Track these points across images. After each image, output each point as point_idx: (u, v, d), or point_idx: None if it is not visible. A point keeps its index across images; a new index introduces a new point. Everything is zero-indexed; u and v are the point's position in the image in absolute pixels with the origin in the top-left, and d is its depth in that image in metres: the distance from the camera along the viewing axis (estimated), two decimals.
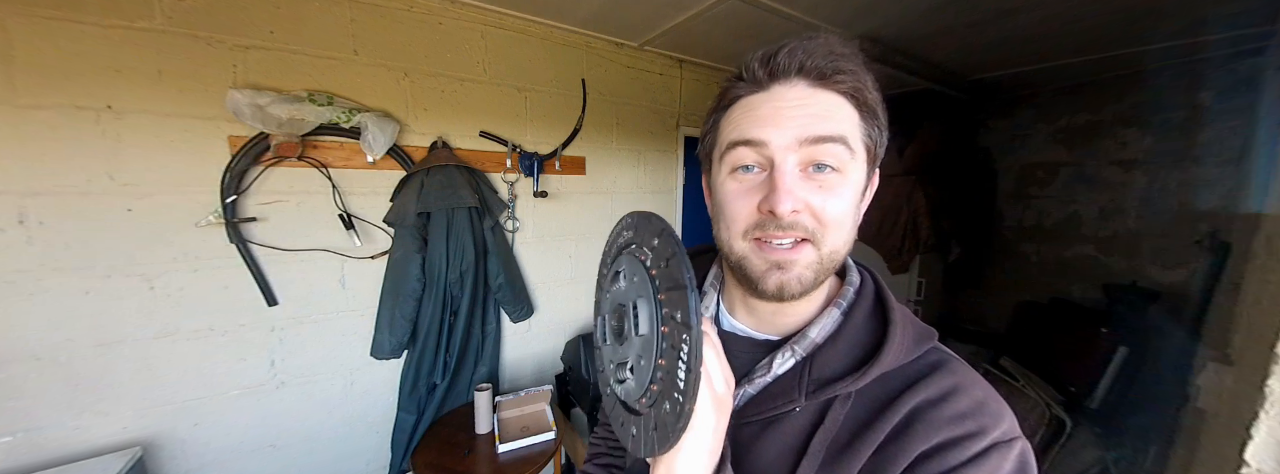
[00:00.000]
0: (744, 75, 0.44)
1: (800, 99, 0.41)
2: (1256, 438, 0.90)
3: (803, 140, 0.40)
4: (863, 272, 0.52)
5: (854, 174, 0.42)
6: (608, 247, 0.51)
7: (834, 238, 0.42)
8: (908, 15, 1.66)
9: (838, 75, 0.41)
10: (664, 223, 0.43)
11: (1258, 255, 1.06)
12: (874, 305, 0.48)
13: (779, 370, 0.47)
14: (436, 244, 1.53)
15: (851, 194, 0.42)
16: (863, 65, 0.42)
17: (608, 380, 0.48)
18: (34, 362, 1.14)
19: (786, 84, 0.42)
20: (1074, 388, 2.15)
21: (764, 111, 0.42)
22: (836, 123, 0.41)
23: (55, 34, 1.07)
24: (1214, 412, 1.11)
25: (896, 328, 0.44)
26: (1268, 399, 0.89)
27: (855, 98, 0.41)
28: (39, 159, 1.09)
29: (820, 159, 0.41)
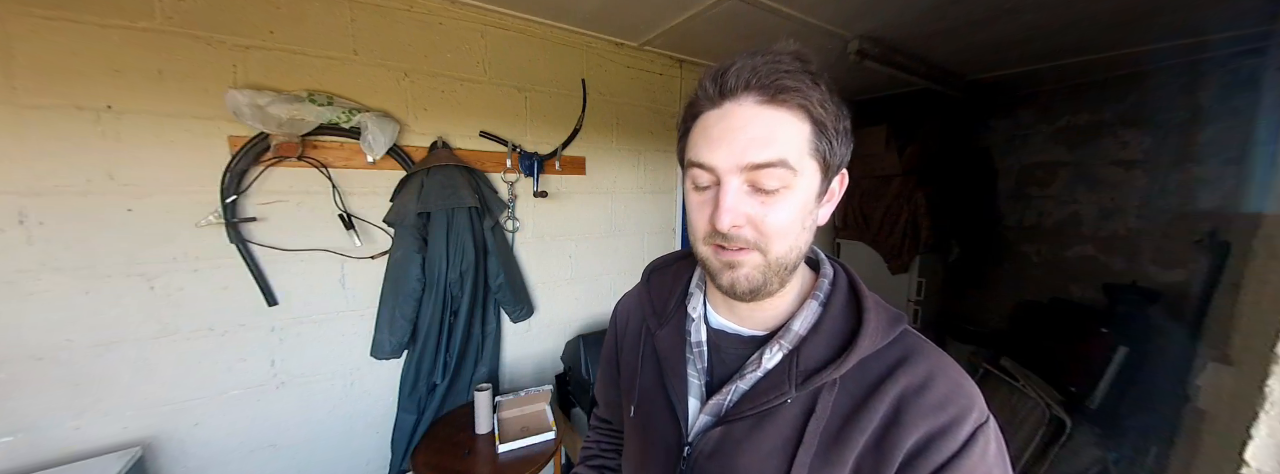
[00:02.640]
0: (699, 92, 0.46)
1: (748, 119, 0.43)
2: (1256, 438, 0.90)
3: (743, 166, 0.43)
4: (835, 264, 0.56)
5: (801, 187, 0.45)
6: None
7: (778, 245, 0.45)
8: (908, 15, 1.66)
9: (783, 93, 0.42)
10: None
11: (1258, 255, 1.06)
12: (848, 295, 0.51)
13: (768, 365, 0.49)
14: (436, 244, 1.53)
15: (796, 205, 0.45)
16: (812, 79, 0.43)
17: None
18: (34, 362, 1.13)
19: (736, 101, 0.44)
20: (1074, 388, 2.15)
21: (715, 133, 0.45)
22: (778, 146, 0.43)
23: (55, 34, 1.07)
24: (1214, 412, 1.11)
25: (870, 314, 0.48)
26: (1268, 399, 0.89)
27: (804, 112, 0.43)
28: (39, 159, 1.09)
29: (760, 183, 0.44)
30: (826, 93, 0.44)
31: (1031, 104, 2.87)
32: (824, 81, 0.44)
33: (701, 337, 0.56)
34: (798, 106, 0.43)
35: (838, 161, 0.47)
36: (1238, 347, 1.05)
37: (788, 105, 0.43)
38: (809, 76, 0.43)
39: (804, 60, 0.44)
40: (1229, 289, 1.54)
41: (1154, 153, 2.42)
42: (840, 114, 0.45)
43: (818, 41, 1.92)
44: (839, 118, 0.45)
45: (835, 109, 0.44)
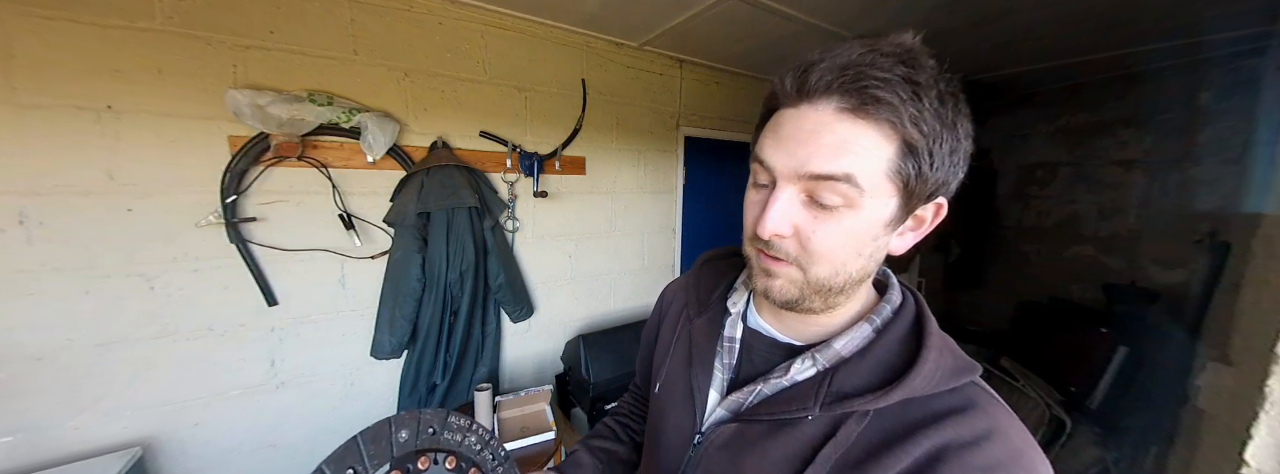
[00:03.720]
0: (778, 87, 0.42)
1: (820, 125, 0.38)
2: (1256, 438, 0.90)
3: (802, 175, 0.39)
4: (906, 291, 0.51)
5: (867, 210, 0.40)
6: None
7: (820, 268, 0.42)
8: (908, 15, 1.66)
9: (870, 105, 0.36)
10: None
11: (1257, 255, 1.07)
12: (911, 327, 0.46)
13: (796, 377, 0.47)
14: (436, 244, 1.53)
15: (854, 228, 0.40)
16: (914, 91, 0.36)
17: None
18: (34, 362, 1.13)
19: (814, 106, 0.39)
20: (1074, 388, 2.15)
21: (784, 132, 0.41)
22: (848, 160, 0.38)
23: (55, 34, 1.07)
24: (1214, 412, 1.11)
25: (930, 353, 0.42)
26: (1268, 399, 0.89)
27: (892, 129, 0.37)
28: (39, 159, 1.09)
29: (818, 195, 0.39)
30: (932, 109, 0.37)
31: (1031, 104, 2.87)
32: (933, 93, 0.37)
33: (735, 333, 0.55)
34: (884, 122, 0.37)
35: (930, 189, 0.40)
36: (1238, 347, 1.05)
37: (872, 119, 0.37)
38: (910, 88, 0.36)
39: (912, 64, 0.37)
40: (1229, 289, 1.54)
41: (1154, 153, 2.42)
42: (947, 136, 0.38)
43: (818, 42, 1.92)
44: (943, 139, 0.38)
45: (939, 129, 0.37)
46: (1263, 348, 0.92)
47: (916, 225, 0.44)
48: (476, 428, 0.50)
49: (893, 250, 0.45)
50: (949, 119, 0.38)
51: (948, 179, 0.41)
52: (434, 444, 0.46)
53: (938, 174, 0.39)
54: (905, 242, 0.45)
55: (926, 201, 0.42)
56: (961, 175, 0.42)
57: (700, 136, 2.42)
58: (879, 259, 0.45)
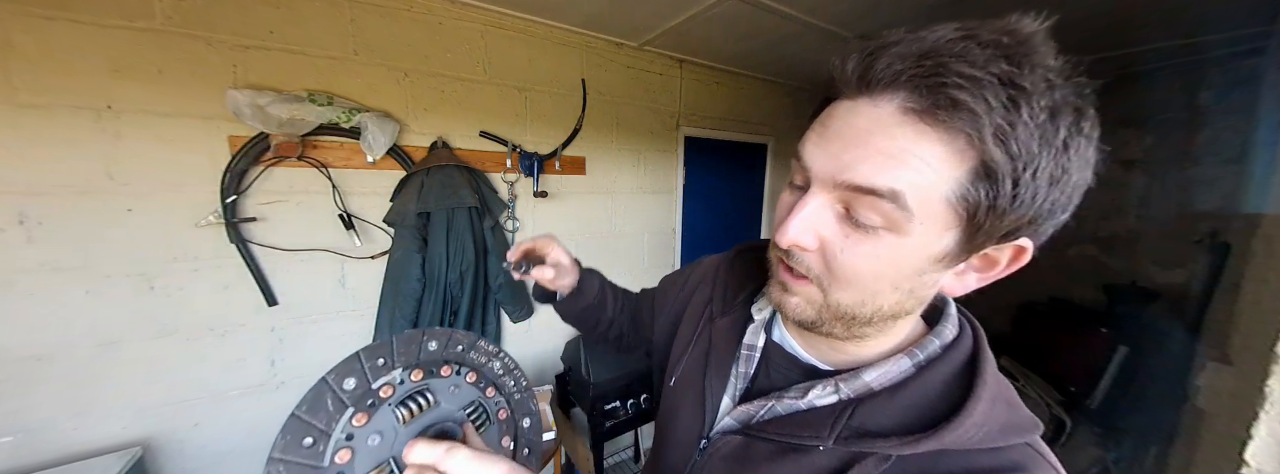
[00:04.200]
0: (836, 71, 0.34)
1: (875, 127, 0.31)
2: (1256, 438, 0.90)
3: (840, 183, 0.33)
4: (965, 326, 0.43)
5: (917, 238, 0.32)
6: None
7: (844, 294, 0.36)
8: (908, 16, 1.66)
9: (945, 109, 0.28)
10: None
11: (1257, 255, 1.07)
12: (962, 369, 0.39)
13: (815, 401, 0.42)
14: (436, 244, 1.53)
15: (892, 257, 0.33)
16: (1011, 97, 0.27)
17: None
18: (34, 362, 1.13)
19: (874, 101, 0.31)
20: (1074, 388, 2.15)
21: (831, 129, 0.34)
22: (900, 173, 0.30)
23: (55, 34, 1.07)
24: (1214, 412, 1.11)
25: (980, 404, 0.35)
26: (1268, 399, 0.89)
27: (967, 142, 0.29)
28: (39, 159, 1.09)
29: (855, 211, 0.33)
30: (1033, 123, 0.28)
31: None
32: (1041, 103, 0.28)
33: (757, 341, 0.50)
34: (959, 133, 0.29)
35: (1008, 226, 0.31)
36: (1237, 347, 1.05)
37: (943, 127, 0.29)
38: (1007, 92, 0.27)
39: (1018, 61, 0.28)
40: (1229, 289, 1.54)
41: (1154, 153, 2.42)
42: (1049, 161, 0.29)
43: (818, 42, 1.92)
44: (1041, 165, 0.29)
45: (1037, 152, 0.28)
46: (1263, 348, 0.92)
47: (984, 267, 0.36)
48: (503, 355, 0.50)
49: (947, 290, 0.38)
50: (1057, 139, 0.28)
51: (1039, 216, 0.31)
52: (459, 359, 0.46)
53: (1022, 210, 0.30)
54: (965, 283, 0.37)
55: (1002, 240, 0.33)
56: (1067, 214, 0.32)
57: (700, 136, 2.42)
58: (924, 297, 0.38)
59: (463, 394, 0.45)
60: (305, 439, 0.34)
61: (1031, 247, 0.34)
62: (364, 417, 0.38)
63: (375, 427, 0.38)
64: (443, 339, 0.44)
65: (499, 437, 0.48)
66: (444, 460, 0.33)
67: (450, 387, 0.44)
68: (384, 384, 0.40)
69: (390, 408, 0.39)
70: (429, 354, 0.43)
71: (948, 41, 0.29)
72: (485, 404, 0.46)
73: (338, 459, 0.35)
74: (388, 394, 0.39)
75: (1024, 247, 0.34)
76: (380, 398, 0.39)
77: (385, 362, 0.40)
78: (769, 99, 2.68)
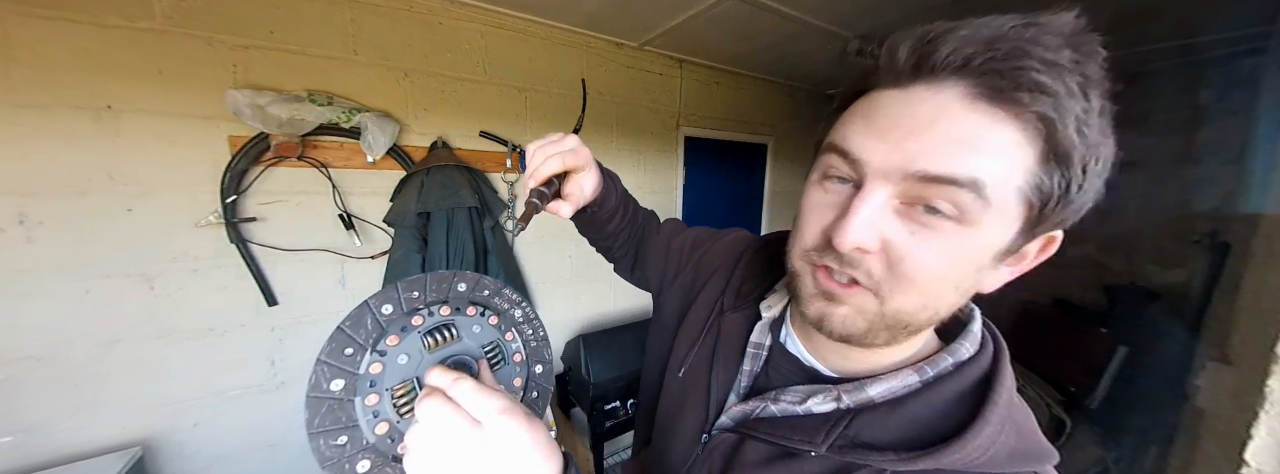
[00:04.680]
0: (882, 60, 0.32)
1: (940, 114, 0.30)
2: (1256, 438, 0.90)
3: (908, 174, 0.30)
4: (987, 343, 0.40)
5: (987, 230, 0.31)
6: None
7: (904, 298, 0.33)
8: (908, 16, 1.66)
9: (1023, 91, 0.27)
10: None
11: (1257, 255, 1.07)
12: (972, 389, 0.37)
13: (813, 409, 0.41)
14: (436, 244, 1.53)
15: (962, 252, 0.32)
16: (1082, 84, 0.28)
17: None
18: (34, 362, 1.13)
19: (933, 88, 0.30)
20: (1074, 388, 2.15)
21: (883, 117, 0.32)
22: (978, 160, 0.29)
23: (55, 34, 1.07)
24: (1214, 412, 1.11)
25: (986, 427, 0.34)
26: (1268, 399, 0.89)
27: (1043, 128, 0.28)
28: (39, 159, 1.09)
29: (927, 201, 0.31)
30: (1098, 111, 0.28)
31: None
32: (1100, 92, 0.28)
33: (764, 340, 0.49)
34: (1033, 117, 0.28)
35: (1062, 216, 0.31)
36: (1237, 347, 1.05)
37: (1017, 111, 0.28)
38: (1080, 80, 0.27)
39: (1083, 52, 0.28)
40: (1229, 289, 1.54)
41: (1154, 153, 2.42)
42: (1104, 151, 0.29)
43: (818, 42, 1.92)
44: (1099, 156, 0.29)
45: (1099, 142, 0.29)
46: (1263, 348, 0.92)
47: (1016, 261, 0.35)
48: (525, 305, 0.53)
49: (982, 288, 0.35)
50: (1109, 131, 0.29)
51: (1079, 208, 0.31)
52: (484, 302, 0.50)
53: (1083, 199, 0.30)
54: (999, 278, 0.35)
55: (1044, 231, 0.33)
56: (1091, 202, 0.32)
57: (700, 136, 2.42)
58: (969, 295, 0.36)
59: (484, 334, 0.49)
60: (346, 349, 0.40)
61: (1061, 236, 0.34)
62: (396, 338, 0.43)
63: (404, 349, 0.43)
64: (471, 282, 0.48)
65: (511, 377, 0.51)
66: (451, 387, 0.35)
67: (473, 326, 0.48)
68: (415, 313, 0.44)
69: (419, 335, 0.44)
70: (458, 293, 0.47)
71: (1014, 29, 0.29)
72: (503, 346, 0.50)
73: (371, 370, 0.41)
74: (418, 323, 0.44)
75: (1055, 237, 0.34)
76: (412, 325, 0.44)
77: (419, 295, 0.44)
78: (769, 99, 2.69)
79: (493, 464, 0.33)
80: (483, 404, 0.34)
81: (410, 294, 0.44)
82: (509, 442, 0.33)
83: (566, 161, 0.52)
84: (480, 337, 0.48)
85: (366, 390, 0.40)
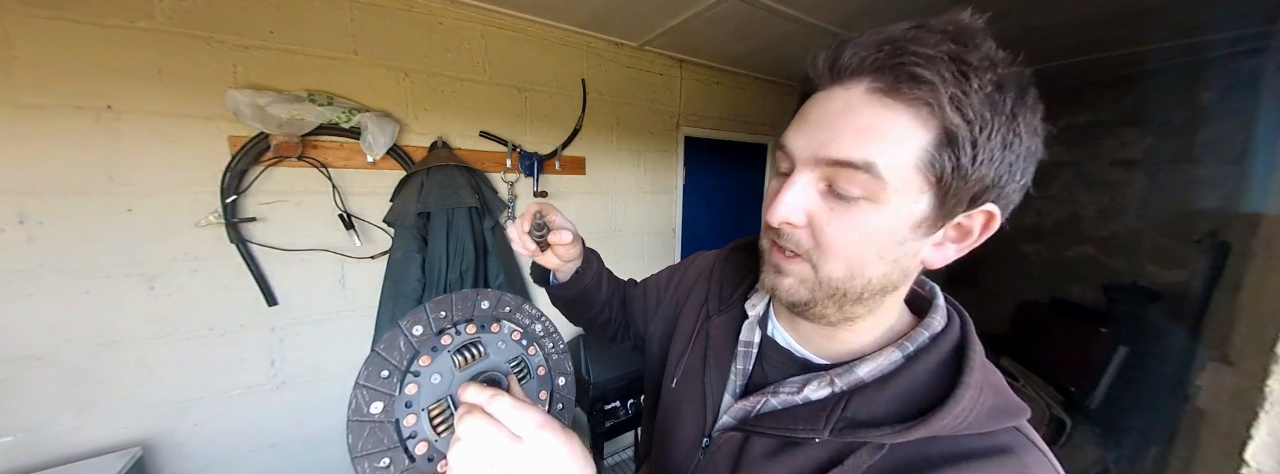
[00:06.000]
0: (809, 68, 0.39)
1: (847, 108, 0.35)
2: (1256, 438, 0.90)
3: (820, 159, 0.36)
4: (953, 315, 0.45)
5: (890, 206, 0.35)
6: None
7: (834, 266, 0.38)
8: (907, 16, 1.65)
9: (906, 83, 0.33)
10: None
11: (1258, 255, 1.07)
12: (949, 357, 0.41)
13: (810, 396, 0.43)
14: (436, 244, 1.53)
15: (873, 225, 0.36)
16: (960, 70, 0.32)
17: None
18: (34, 362, 1.13)
19: (844, 87, 0.36)
20: (1074, 388, 2.15)
21: (809, 116, 0.38)
22: (873, 146, 0.34)
23: (55, 34, 1.07)
24: (1214, 412, 1.11)
25: (967, 391, 0.37)
26: (1268, 399, 0.89)
27: (929, 112, 0.33)
28: (39, 159, 1.09)
29: (836, 184, 0.36)
30: (981, 92, 0.32)
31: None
32: (986, 77, 0.32)
33: (753, 338, 0.52)
34: (921, 104, 0.33)
35: (973, 189, 0.35)
36: (1238, 347, 1.05)
37: (906, 101, 0.33)
38: (957, 67, 0.32)
39: (963, 42, 0.33)
40: (1229, 289, 1.54)
41: (1154, 153, 2.42)
42: (1000, 126, 0.33)
43: (818, 42, 1.92)
44: (993, 130, 0.33)
45: (990, 118, 0.32)
46: (1263, 348, 0.92)
47: (960, 237, 0.39)
48: (544, 318, 0.55)
49: (928, 263, 0.40)
50: (1005, 108, 0.33)
51: (999, 180, 0.35)
52: (507, 318, 0.51)
53: (983, 170, 0.34)
54: (944, 254, 0.39)
55: (971, 206, 0.36)
56: (1024, 179, 0.36)
57: (700, 136, 2.42)
58: (908, 269, 0.40)
59: (509, 350, 0.50)
60: (382, 372, 0.41)
61: (999, 212, 0.37)
62: (428, 359, 0.44)
63: (437, 368, 0.44)
64: (493, 299, 0.50)
65: (537, 391, 0.52)
66: (489, 404, 0.38)
67: (498, 342, 0.50)
68: (444, 333, 0.46)
69: (449, 354, 0.45)
70: (482, 311, 0.49)
71: (903, 31, 0.34)
72: (527, 360, 0.52)
73: (407, 391, 0.42)
74: (448, 342, 0.46)
75: (992, 212, 0.37)
76: (442, 344, 0.45)
77: (446, 314, 0.46)
78: (769, 99, 2.69)
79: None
80: (522, 419, 0.37)
81: (438, 314, 0.45)
82: (549, 454, 0.36)
83: (541, 208, 0.61)
84: (506, 352, 0.50)
85: (404, 411, 0.41)
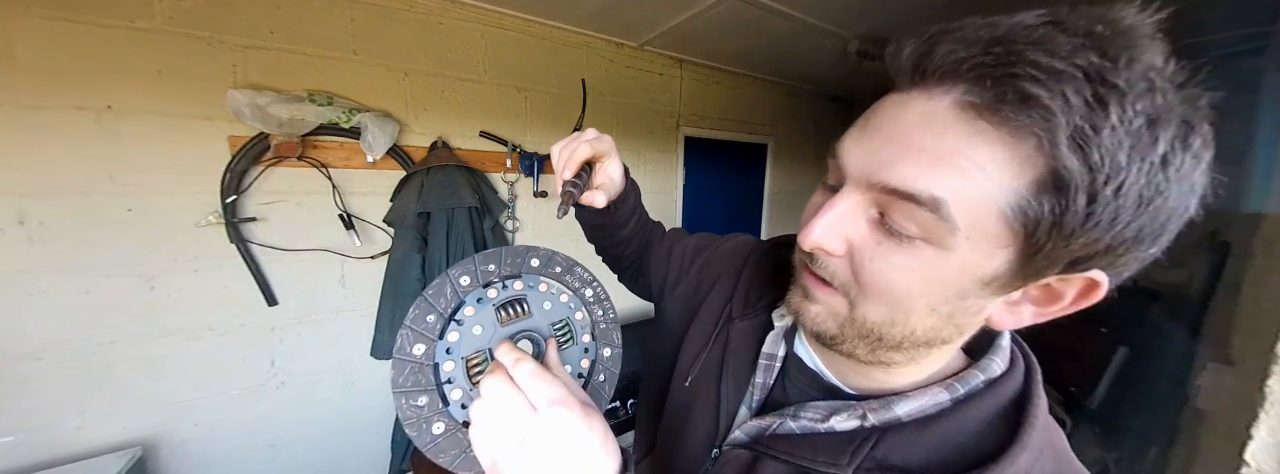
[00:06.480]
0: (888, 61, 0.31)
1: (925, 122, 0.27)
2: (1256, 438, 0.90)
3: (873, 183, 0.29)
4: (1017, 359, 0.38)
5: (961, 255, 0.28)
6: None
7: (873, 309, 0.32)
8: (908, 15, 1.66)
9: (1011, 105, 0.24)
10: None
11: (1258, 255, 1.07)
12: (1006, 409, 0.35)
13: (836, 426, 0.38)
14: (436, 244, 1.53)
15: (932, 272, 0.29)
16: (1096, 94, 0.23)
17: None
18: (34, 362, 1.13)
19: (928, 93, 0.28)
20: (1074, 388, 2.15)
21: (874, 122, 0.31)
22: (944, 178, 0.26)
23: (55, 35, 1.07)
24: (1214, 412, 1.11)
25: (1024, 452, 0.31)
26: (1268, 399, 0.89)
27: (1037, 146, 0.24)
28: (39, 159, 1.09)
29: (890, 216, 0.29)
30: (1124, 128, 0.23)
31: None
32: (1137, 105, 0.23)
33: (777, 351, 0.46)
34: (1027, 134, 0.24)
35: (1077, 252, 0.26)
36: (1238, 347, 1.05)
37: (1008, 126, 0.25)
38: (1093, 89, 0.23)
39: (1111, 54, 0.23)
40: (1229, 289, 1.54)
41: None
42: (1140, 177, 0.24)
43: (818, 42, 1.92)
44: (1129, 181, 0.23)
45: (1126, 164, 0.23)
46: (1263, 348, 0.92)
47: (1045, 300, 0.31)
48: (597, 284, 0.53)
49: (995, 323, 0.33)
50: (1154, 152, 0.23)
51: (1119, 244, 0.26)
52: (557, 278, 0.50)
53: (1096, 233, 0.25)
54: (1019, 317, 0.32)
55: (1068, 270, 0.28)
56: (1155, 248, 0.27)
57: (700, 136, 2.42)
58: (964, 326, 0.33)
59: (554, 311, 0.49)
60: (428, 317, 0.41)
61: (1106, 282, 0.28)
62: (472, 309, 0.44)
63: (479, 319, 0.44)
64: (544, 257, 0.49)
65: (578, 358, 0.51)
66: (513, 367, 0.36)
67: (544, 302, 0.48)
68: (490, 286, 0.45)
69: (492, 307, 0.45)
70: (531, 269, 0.48)
71: (1026, 27, 0.25)
72: (573, 325, 0.50)
73: (449, 337, 0.42)
74: (494, 295, 0.45)
75: (1097, 281, 0.28)
76: (487, 297, 0.45)
77: (495, 268, 0.45)
78: (769, 99, 2.68)
79: (543, 453, 0.33)
80: (540, 390, 0.35)
81: (486, 266, 0.45)
82: (561, 433, 0.33)
83: (595, 148, 0.54)
84: (551, 314, 0.49)
85: (444, 357, 0.41)
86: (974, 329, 0.34)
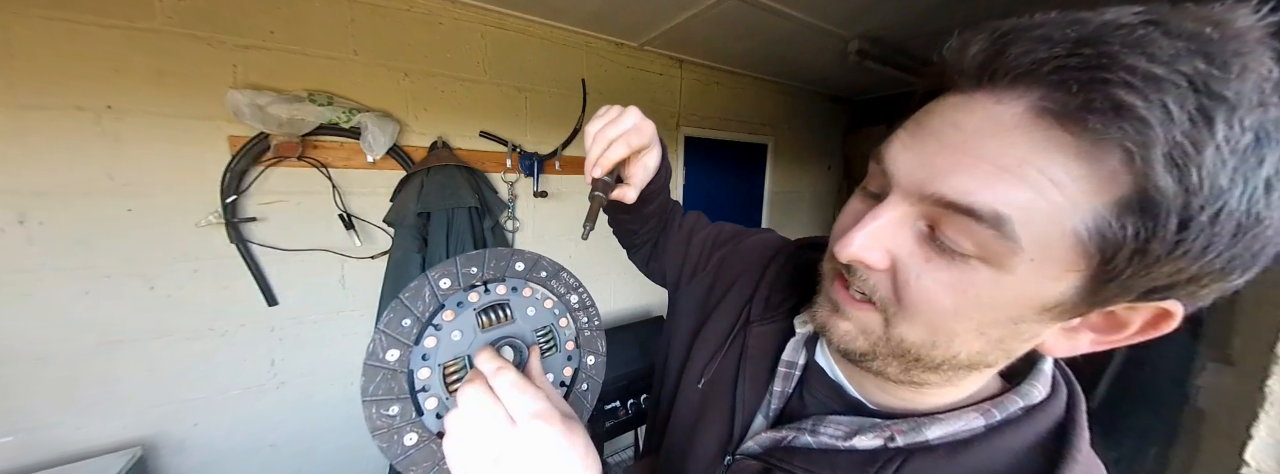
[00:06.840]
0: (951, 58, 0.27)
1: (989, 127, 0.24)
2: (1256, 438, 0.90)
3: (925, 194, 0.26)
4: (1060, 386, 0.36)
5: (1021, 277, 0.25)
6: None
7: (909, 327, 0.29)
8: (908, 15, 1.66)
9: (1097, 114, 0.21)
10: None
11: None
12: (1046, 439, 0.32)
13: (857, 445, 0.35)
14: (437, 244, 1.53)
15: (986, 295, 0.26)
16: (1201, 106, 0.20)
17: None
18: (34, 361, 1.13)
19: (996, 97, 0.25)
20: None
21: (929, 125, 0.27)
22: (1009, 191, 0.23)
23: (55, 34, 1.07)
24: (1214, 412, 1.11)
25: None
26: (1268, 399, 0.89)
27: (1125, 160, 0.21)
28: (39, 159, 1.09)
29: (942, 230, 0.26)
30: (1229, 146, 0.20)
31: None
32: (1246, 121, 0.20)
33: (797, 359, 0.44)
34: (1114, 147, 0.21)
35: (1154, 282, 0.24)
36: (1238, 347, 1.05)
37: (1092, 137, 0.22)
38: (1198, 101, 0.20)
39: (1222, 61, 0.20)
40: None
41: None
42: (1242, 204, 0.21)
43: (818, 42, 1.92)
44: (1226, 207, 0.21)
45: (1226, 189, 0.21)
46: (1263, 348, 0.92)
47: (1107, 328, 0.28)
48: (582, 290, 0.51)
49: (1048, 350, 0.30)
50: (1258, 175, 0.21)
51: (1206, 274, 0.23)
52: (541, 283, 0.48)
53: (1184, 262, 0.22)
54: (1075, 345, 0.29)
55: (1140, 298, 0.25)
56: (1242, 279, 0.24)
57: (700, 136, 2.42)
58: (1013, 351, 0.30)
59: (538, 318, 0.48)
60: (404, 321, 0.39)
61: (1181, 312, 0.26)
62: (451, 314, 0.42)
63: (458, 325, 0.42)
64: (530, 262, 0.48)
65: (562, 366, 0.49)
66: (494, 376, 0.35)
67: (528, 308, 0.47)
68: (472, 289, 0.43)
69: (473, 312, 0.43)
70: (515, 273, 0.46)
71: (1121, 27, 0.21)
72: (557, 332, 0.49)
73: (426, 343, 0.40)
74: (475, 300, 0.43)
75: (1171, 311, 0.26)
76: (468, 301, 0.43)
77: (477, 271, 0.43)
78: (769, 99, 2.69)
79: (521, 467, 0.31)
80: (520, 402, 0.33)
81: (468, 269, 0.43)
82: (540, 449, 0.32)
83: (632, 143, 0.48)
84: (534, 320, 0.47)
85: (419, 363, 0.40)
86: (1021, 353, 0.31)
